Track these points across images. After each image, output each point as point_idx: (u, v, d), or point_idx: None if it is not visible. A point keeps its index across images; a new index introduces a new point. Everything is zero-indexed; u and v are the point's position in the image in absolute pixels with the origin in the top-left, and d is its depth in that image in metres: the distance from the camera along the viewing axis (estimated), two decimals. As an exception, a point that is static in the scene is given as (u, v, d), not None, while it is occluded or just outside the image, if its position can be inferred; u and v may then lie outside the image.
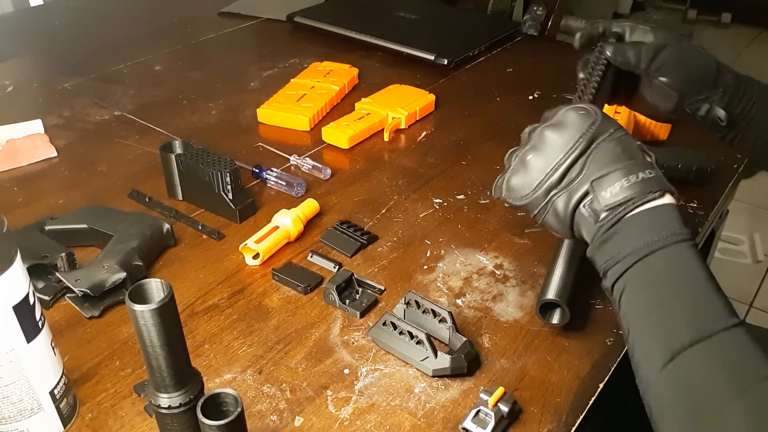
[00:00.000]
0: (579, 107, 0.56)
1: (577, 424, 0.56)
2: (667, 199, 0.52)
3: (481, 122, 1.03)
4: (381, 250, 0.75)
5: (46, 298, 0.67)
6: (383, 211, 0.82)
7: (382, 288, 0.69)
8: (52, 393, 0.53)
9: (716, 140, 0.76)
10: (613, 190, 0.52)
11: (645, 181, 0.51)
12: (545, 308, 0.63)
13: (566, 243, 0.67)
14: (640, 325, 0.50)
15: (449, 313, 0.62)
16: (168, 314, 0.42)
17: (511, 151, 0.61)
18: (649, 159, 0.55)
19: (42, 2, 1.61)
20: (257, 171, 0.87)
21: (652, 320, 0.49)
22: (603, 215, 0.52)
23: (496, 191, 0.61)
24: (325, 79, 1.08)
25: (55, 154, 0.93)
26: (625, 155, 0.53)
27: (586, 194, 0.53)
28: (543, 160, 0.55)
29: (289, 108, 1.01)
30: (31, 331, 0.50)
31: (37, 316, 0.50)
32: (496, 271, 0.72)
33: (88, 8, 1.49)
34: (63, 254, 0.68)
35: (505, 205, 0.60)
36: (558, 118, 0.57)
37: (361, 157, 0.94)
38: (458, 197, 0.84)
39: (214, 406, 0.44)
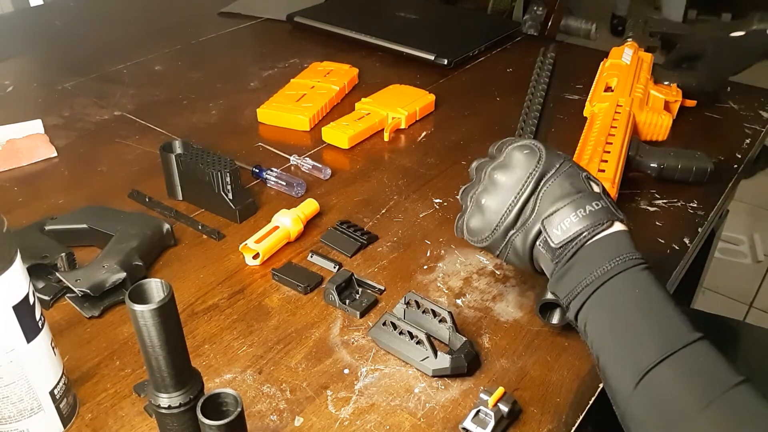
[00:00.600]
0: (522, 146, 0.58)
1: (577, 424, 0.56)
2: (617, 227, 0.54)
3: (481, 122, 1.03)
4: (381, 250, 0.75)
5: (46, 298, 0.67)
6: (383, 211, 0.82)
7: (382, 288, 0.69)
8: (52, 393, 0.53)
9: (716, 141, 0.77)
10: (563, 227, 0.54)
11: (593, 213, 0.53)
12: (545, 308, 0.63)
13: None
14: (608, 351, 0.51)
15: (449, 313, 0.62)
16: (168, 314, 0.42)
17: (463, 189, 0.64)
18: (596, 189, 0.57)
19: (42, 2, 1.61)
20: (257, 171, 0.87)
21: (618, 344, 0.50)
22: (557, 252, 0.54)
23: (458, 232, 0.63)
24: (325, 79, 1.08)
25: (55, 154, 0.93)
26: (573, 189, 0.55)
27: (539, 232, 0.56)
28: (496, 202, 0.58)
29: (289, 108, 1.01)
30: (31, 331, 0.50)
31: (37, 316, 0.50)
32: (496, 271, 0.72)
33: (88, 8, 1.49)
34: (63, 254, 0.68)
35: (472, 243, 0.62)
36: (505, 160, 0.59)
37: (361, 157, 0.94)
38: (458, 197, 0.84)
39: (214, 406, 0.44)
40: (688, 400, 0.46)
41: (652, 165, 0.84)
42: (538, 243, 0.56)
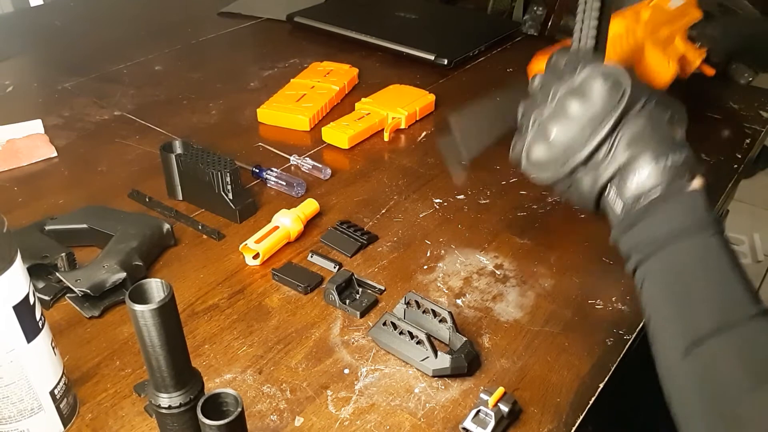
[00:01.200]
0: (606, 75, 0.51)
1: (577, 424, 0.56)
2: (696, 184, 0.50)
3: (481, 122, 1.03)
4: (381, 250, 0.75)
5: (46, 298, 0.67)
6: (383, 211, 0.82)
7: (382, 288, 0.69)
8: (52, 393, 0.53)
9: (716, 141, 0.76)
10: (641, 177, 0.49)
11: (674, 166, 0.49)
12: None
13: None
14: (662, 313, 0.49)
15: (449, 313, 0.62)
16: (168, 314, 0.42)
17: (524, 107, 0.57)
18: (680, 134, 0.52)
19: (42, 2, 1.61)
20: (257, 171, 0.87)
21: (674, 308, 0.48)
22: (630, 201, 0.50)
23: (514, 158, 0.57)
24: (325, 79, 1.08)
25: (55, 154, 0.93)
26: (656, 134, 0.50)
27: (613, 177, 0.51)
28: (567, 134, 0.52)
29: (289, 108, 1.01)
30: (31, 331, 0.50)
31: (37, 316, 0.50)
32: (496, 271, 0.72)
33: (88, 8, 1.49)
34: (63, 254, 0.68)
35: (527, 175, 0.57)
36: (582, 86, 0.52)
37: (361, 157, 0.94)
38: (458, 197, 0.84)
39: (214, 406, 0.44)
40: (739, 378, 0.43)
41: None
42: (609, 188, 0.52)
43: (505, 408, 0.54)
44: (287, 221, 0.75)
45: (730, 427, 0.43)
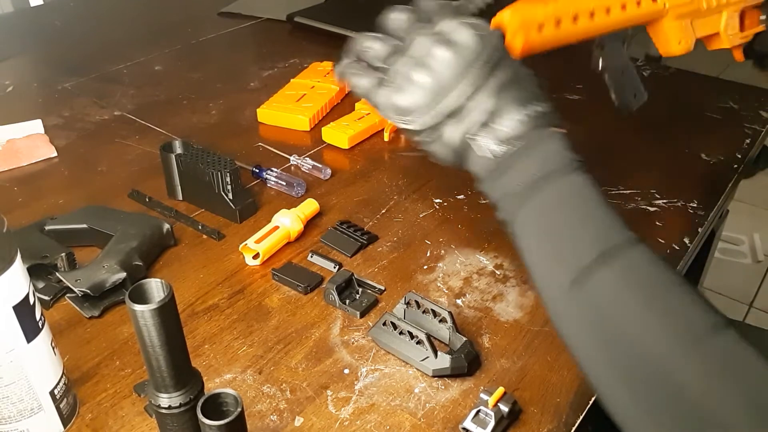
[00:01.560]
0: (476, 25, 0.51)
1: (577, 424, 0.56)
2: (559, 132, 0.51)
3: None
4: (381, 250, 0.75)
5: (46, 298, 0.67)
6: (383, 211, 0.82)
7: (382, 288, 0.69)
8: (52, 393, 0.53)
9: (716, 141, 0.75)
10: (509, 124, 0.50)
11: (540, 115, 0.50)
12: None
13: None
14: (542, 250, 0.50)
15: (449, 313, 0.62)
16: (168, 314, 0.42)
17: (383, 45, 0.53)
18: (538, 88, 0.53)
19: (42, 2, 1.61)
20: (257, 171, 0.87)
21: (553, 246, 0.49)
22: (497, 148, 0.50)
23: (372, 99, 0.54)
24: (325, 79, 1.08)
25: (55, 154, 0.93)
26: (522, 85, 0.51)
27: (480, 125, 0.50)
28: (434, 82, 0.50)
29: (289, 108, 1.01)
30: (31, 331, 0.50)
31: (37, 316, 0.50)
32: (496, 271, 0.72)
33: (88, 8, 1.49)
34: (63, 254, 0.68)
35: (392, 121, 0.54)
36: (451, 35, 0.50)
37: (361, 157, 0.94)
38: (458, 197, 0.84)
39: (214, 406, 0.44)
40: (628, 303, 0.45)
41: None
42: (475, 136, 0.51)
43: (505, 408, 0.54)
44: (287, 221, 0.75)
45: (620, 349, 0.44)
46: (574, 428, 0.56)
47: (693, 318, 0.44)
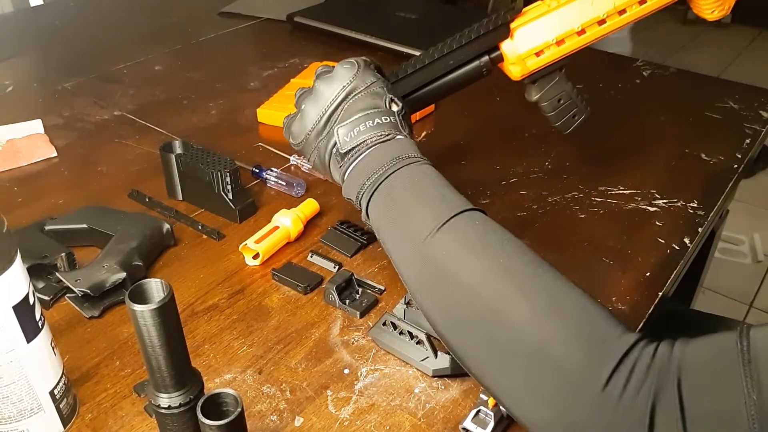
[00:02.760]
0: (347, 61, 0.63)
1: (577, 424, 0.56)
2: (401, 137, 0.60)
3: (481, 122, 1.03)
4: (381, 250, 0.75)
5: (46, 298, 0.67)
6: (383, 211, 0.82)
7: (382, 288, 0.69)
8: (52, 393, 0.53)
9: (716, 141, 0.75)
10: (352, 135, 0.59)
11: (381, 125, 0.59)
12: None
13: None
14: (391, 231, 0.56)
15: (449, 313, 0.61)
16: (168, 314, 0.42)
17: (298, 94, 0.68)
18: (395, 108, 0.61)
19: (42, 2, 1.61)
20: (257, 171, 0.87)
21: (400, 223, 0.55)
22: (345, 158, 0.60)
23: (285, 134, 0.67)
24: (325, 79, 1.08)
25: (55, 154, 0.93)
26: (372, 105, 0.60)
27: (339, 138, 0.60)
28: (314, 109, 0.62)
29: (289, 108, 1.00)
30: (31, 331, 0.50)
31: (37, 316, 0.50)
32: (496, 271, 0.72)
33: (88, 8, 1.49)
34: (63, 254, 0.68)
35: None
36: (331, 72, 0.63)
37: (361, 157, 0.93)
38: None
39: (214, 406, 0.44)
40: (461, 255, 0.51)
41: None
42: (333, 150, 0.61)
43: (505, 408, 0.54)
44: (287, 221, 0.75)
45: (458, 298, 0.50)
46: (574, 428, 0.56)
47: (517, 262, 0.50)
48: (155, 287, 0.43)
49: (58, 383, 0.53)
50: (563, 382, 0.44)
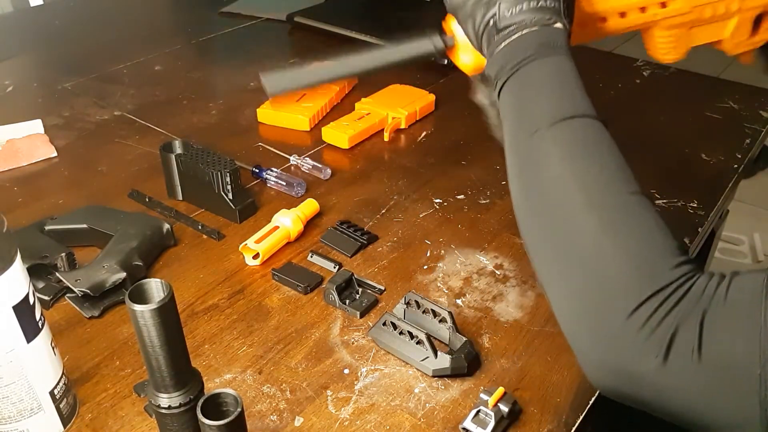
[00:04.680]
0: None
1: (577, 424, 0.56)
2: (558, 25, 0.57)
3: (481, 122, 1.03)
4: (381, 250, 0.75)
5: (46, 298, 0.67)
6: (383, 211, 0.82)
7: (382, 288, 0.69)
8: (52, 393, 0.53)
9: (716, 141, 0.74)
10: (513, 11, 0.57)
11: (543, 8, 0.57)
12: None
13: None
14: (513, 115, 0.56)
15: (449, 313, 0.62)
16: (168, 314, 0.42)
17: None
18: None
19: (42, 2, 1.61)
20: (257, 171, 0.87)
21: (522, 110, 0.55)
22: (500, 32, 0.57)
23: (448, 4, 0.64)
24: (325, 79, 1.08)
25: (55, 154, 0.93)
26: None
27: (495, 12, 0.58)
28: None
29: (289, 108, 1.01)
30: (31, 331, 0.50)
31: (37, 316, 0.50)
32: (496, 271, 0.72)
33: (88, 8, 1.49)
34: (63, 254, 0.68)
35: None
36: None
37: (361, 157, 0.94)
38: (458, 197, 0.84)
39: (214, 406, 0.44)
40: (561, 153, 0.51)
41: None
42: (490, 22, 0.59)
43: (505, 408, 0.54)
44: (287, 221, 0.75)
45: (541, 200, 0.50)
46: (574, 428, 0.56)
47: (605, 176, 0.50)
48: (155, 287, 0.43)
49: (58, 383, 0.53)
50: (599, 297, 0.45)
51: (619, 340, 0.44)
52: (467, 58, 0.66)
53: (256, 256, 0.72)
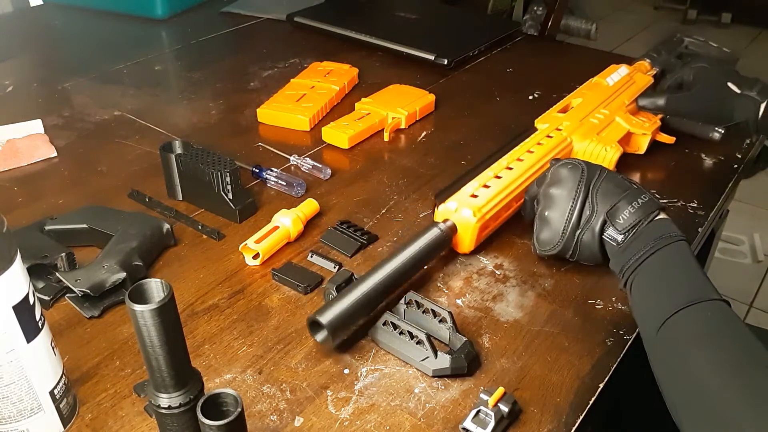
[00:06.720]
0: (565, 163, 0.69)
1: (577, 424, 0.56)
2: (662, 214, 0.65)
3: (481, 122, 1.03)
4: (381, 250, 0.75)
5: (46, 298, 0.67)
6: (383, 211, 0.82)
7: (382, 288, 0.69)
8: (52, 393, 0.53)
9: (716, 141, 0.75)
10: (624, 216, 0.64)
11: (644, 204, 0.64)
12: (315, 325, 0.61)
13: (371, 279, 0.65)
14: (642, 306, 0.61)
15: (449, 313, 0.62)
16: (168, 314, 0.42)
17: (531, 206, 0.73)
18: (635, 186, 0.67)
19: (42, 2, 1.61)
20: (257, 171, 0.87)
21: (650, 298, 0.60)
22: (621, 237, 0.64)
23: (534, 250, 0.71)
24: (325, 79, 1.08)
25: (55, 154, 0.93)
26: (620, 188, 0.66)
27: (604, 225, 0.65)
28: (557, 212, 0.67)
29: (289, 108, 1.01)
30: (31, 331, 0.50)
31: (37, 316, 0.50)
32: (496, 271, 0.72)
33: (88, 8, 1.49)
34: (63, 254, 0.68)
35: (545, 256, 0.71)
36: (553, 177, 0.69)
37: (361, 157, 0.94)
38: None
39: (214, 406, 0.44)
40: (694, 343, 0.54)
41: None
42: (605, 235, 0.66)
43: (505, 408, 0.54)
44: (287, 221, 0.75)
45: (686, 384, 0.53)
46: (574, 428, 0.56)
47: (745, 357, 0.52)
48: (155, 287, 0.43)
49: (58, 383, 0.53)
50: None
51: None
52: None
53: (256, 256, 0.72)
